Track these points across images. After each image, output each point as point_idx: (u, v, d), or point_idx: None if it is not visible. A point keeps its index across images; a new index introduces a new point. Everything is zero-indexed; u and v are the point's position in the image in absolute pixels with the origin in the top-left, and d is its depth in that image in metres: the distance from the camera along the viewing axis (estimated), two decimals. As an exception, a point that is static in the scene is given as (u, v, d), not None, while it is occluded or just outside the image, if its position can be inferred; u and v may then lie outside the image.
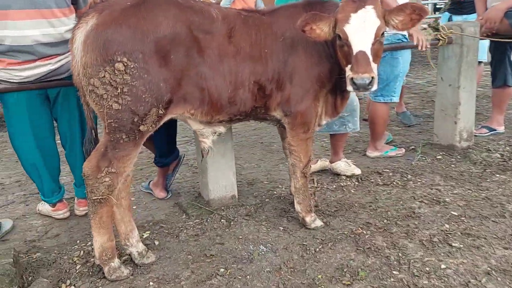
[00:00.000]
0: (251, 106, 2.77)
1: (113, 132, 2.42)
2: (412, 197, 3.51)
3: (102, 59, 2.28)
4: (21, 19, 2.84)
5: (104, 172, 2.47)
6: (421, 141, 4.84)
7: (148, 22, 2.36)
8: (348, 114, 3.83)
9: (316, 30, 2.57)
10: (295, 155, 3.02)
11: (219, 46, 2.58)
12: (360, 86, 2.47)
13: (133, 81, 2.33)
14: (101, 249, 2.62)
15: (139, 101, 2.37)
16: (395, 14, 2.62)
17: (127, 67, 2.30)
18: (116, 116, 2.37)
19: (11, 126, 3.16)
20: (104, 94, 2.33)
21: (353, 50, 2.51)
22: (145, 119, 2.43)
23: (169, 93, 2.46)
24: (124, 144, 2.45)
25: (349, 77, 2.53)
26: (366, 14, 2.50)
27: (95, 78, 2.31)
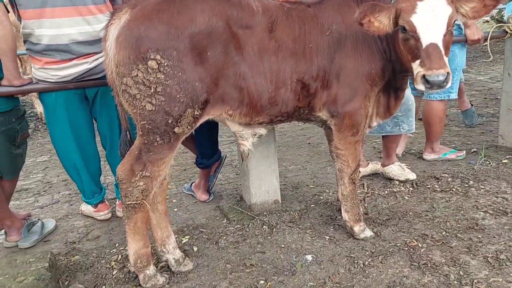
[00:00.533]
0: (294, 106, 2.55)
1: (147, 134, 2.29)
2: (474, 206, 3.17)
3: (135, 56, 2.15)
4: (57, 16, 2.77)
5: (138, 176, 2.34)
6: (484, 143, 4.45)
7: (182, 17, 2.19)
8: (402, 114, 3.53)
9: (375, 22, 2.30)
10: (342, 159, 2.78)
11: (259, 41, 2.38)
12: (435, 83, 2.17)
13: (167, 80, 2.18)
14: (136, 255, 2.50)
15: (173, 101, 2.22)
16: (466, 0, 2.31)
17: (160, 65, 2.15)
18: (149, 117, 2.24)
19: (51, 127, 3.13)
20: (137, 94, 2.20)
21: (422, 43, 2.22)
22: (180, 121, 2.28)
23: (205, 93, 2.29)
24: (158, 146, 2.31)
25: (419, 74, 2.22)
26: (434, 1, 2.22)
27: (128, 77, 2.19)
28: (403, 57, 2.41)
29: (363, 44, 2.54)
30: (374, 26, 2.30)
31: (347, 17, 2.52)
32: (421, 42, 2.23)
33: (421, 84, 2.23)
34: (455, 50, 3.89)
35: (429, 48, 2.20)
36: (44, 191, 4.35)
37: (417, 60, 2.25)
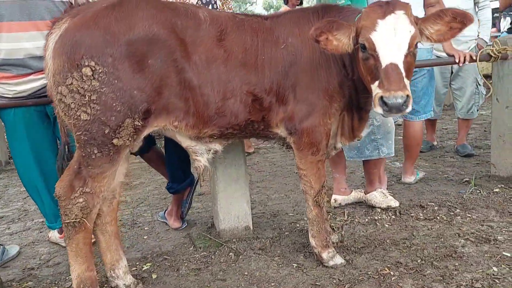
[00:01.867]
0: (245, 119, 2.42)
1: (84, 146, 2.16)
2: (456, 233, 2.95)
3: (70, 64, 2.07)
4: (14, 31, 2.74)
5: (78, 192, 2.21)
6: (477, 173, 4.24)
7: (121, 24, 2.11)
8: (381, 137, 3.38)
9: (333, 41, 2.19)
10: (305, 180, 2.61)
11: (207, 50, 2.28)
12: (393, 107, 2.00)
13: (102, 87, 2.08)
14: (78, 279, 2.32)
15: (109, 110, 2.11)
16: (431, 23, 2.21)
17: (95, 71, 2.06)
18: (85, 128, 2.12)
19: (11, 145, 3.04)
20: (72, 103, 2.10)
21: (381, 63, 2.08)
22: (119, 131, 2.15)
23: (145, 102, 2.17)
24: (97, 160, 2.18)
25: (377, 96, 2.06)
26: (396, 20, 2.10)
27: (63, 85, 2.09)
28: (363, 78, 2.26)
29: (320, 59, 2.42)
30: (332, 45, 2.19)
31: (305, 31, 2.41)
32: (380, 62, 2.09)
33: (379, 107, 2.07)
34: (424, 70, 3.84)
35: (389, 68, 2.06)
36: (18, 219, 4.23)
37: (376, 81, 2.10)
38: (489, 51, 3.68)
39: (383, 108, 2.05)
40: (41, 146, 3.03)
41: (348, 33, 2.21)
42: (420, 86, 3.87)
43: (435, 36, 2.25)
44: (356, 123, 2.64)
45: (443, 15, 2.21)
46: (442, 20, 2.22)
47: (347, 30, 2.20)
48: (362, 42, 2.15)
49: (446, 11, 2.23)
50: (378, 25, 2.10)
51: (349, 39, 2.21)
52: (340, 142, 2.72)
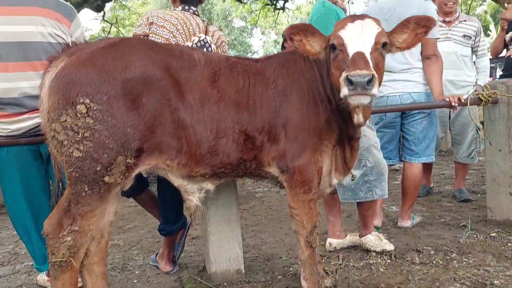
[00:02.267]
0: (237, 158, 2.42)
1: (75, 184, 2.17)
2: (452, 278, 2.88)
3: (65, 101, 2.10)
4: (10, 71, 2.79)
5: (66, 231, 2.19)
6: (474, 217, 4.19)
7: (116, 63, 2.17)
8: (374, 178, 3.36)
9: (306, 45, 2.31)
10: (297, 219, 2.58)
11: (200, 90, 2.33)
12: (358, 84, 2.01)
13: (96, 124, 2.10)
14: None
15: (102, 147, 2.12)
16: (398, 33, 2.35)
17: (89, 109, 2.09)
18: (76, 165, 2.13)
19: (3, 184, 3.02)
20: (65, 140, 2.12)
21: (348, 54, 2.16)
22: (111, 169, 2.16)
23: (137, 140, 2.19)
24: (87, 197, 2.17)
25: (343, 78, 2.07)
26: (364, 22, 2.25)
27: (57, 122, 2.12)
28: (335, 81, 2.27)
29: (308, 97, 2.48)
30: (305, 48, 2.30)
31: (293, 71, 2.50)
32: (347, 53, 2.16)
33: (344, 87, 2.07)
34: (432, 118, 3.90)
35: (355, 55, 2.13)
36: (8, 262, 4.15)
37: (344, 72, 2.12)
38: (479, 95, 3.74)
39: (348, 88, 2.05)
40: (33, 186, 3.02)
41: (321, 42, 2.33)
42: (420, 128, 3.89)
43: (404, 45, 2.37)
44: (348, 154, 2.65)
45: (407, 23, 2.36)
46: (408, 29, 2.36)
47: (320, 39, 2.33)
48: (332, 42, 2.25)
49: (409, 19, 2.37)
50: (347, 26, 2.24)
51: (321, 48, 2.33)
52: (334, 179, 2.72)
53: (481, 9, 23.54)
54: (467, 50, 4.86)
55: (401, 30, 2.37)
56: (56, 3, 2.97)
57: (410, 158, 3.93)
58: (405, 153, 3.99)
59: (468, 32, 4.87)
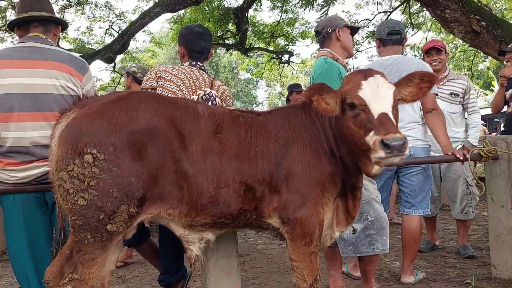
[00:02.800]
0: (237, 208, 2.46)
1: (78, 231, 2.22)
2: (455, 337, 2.82)
3: (73, 151, 2.20)
4: (23, 120, 2.88)
5: (67, 279, 2.22)
6: (479, 275, 4.13)
7: (123, 115, 2.28)
8: (375, 232, 3.37)
9: (323, 103, 2.37)
10: (297, 272, 2.58)
11: (203, 142, 2.41)
12: (395, 147, 2.11)
13: (101, 174, 2.18)
14: None
15: (106, 196, 2.19)
16: (403, 86, 2.46)
17: (96, 159, 2.18)
18: (80, 213, 2.19)
19: (7, 230, 3.04)
20: (71, 189, 2.20)
21: (373, 114, 2.24)
22: (113, 217, 2.21)
23: (141, 189, 2.25)
24: (89, 245, 2.21)
25: (377, 141, 2.17)
26: (377, 79, 2.35)
27: (64, 171, 2.21)
28: (353, 137, 2.36)
29: (310, 150, 2.54)
30: (322, 106, 2.36)
31: (294, 125, 2.59)
32: (372, 114, 2.25)
33: (380, 150, 2.15)
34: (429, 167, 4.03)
35: (382, 116, 2.22)
36: (5, 310, 4.10)
37: (371, 132, 2.23)
38: (480, 151, 3.81)
39: (384, 151, 2.14)
40: (36, 233, 3.03)
41: (335, 98, 2.39)
42: (416, 181, 3.97)
43: (409, 97, 2.49)
44: (350, 204, 2.68)
45: (412, 78, 2.47)
46: (413, 83, 2.47)
47: (334, 95, 2.39)
48: (350, 101, 2.32)
49: (414, 74, 2.48)
50: (362, 85, 2.32)
51: (336, 104, 2.39)
52: (337, 231, 2.74)
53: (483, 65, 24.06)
54: (455, 107, 5.02)
55: (406, 84, 2.48)
56: (69, 58, 3.11)
57: (407, 211, 3.98)
58: (402, 206, 4.04)
59: (455, 90, 5.04)
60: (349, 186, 2.64)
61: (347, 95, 2.35)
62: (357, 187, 2.68)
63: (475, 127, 4.95)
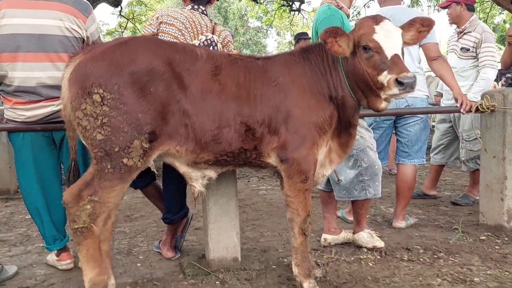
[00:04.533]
0: (238, 147, 2.64)
1: (100, 162, 2.44)
2: (435, 274, 3.04)
3: (82, 91, 2.37)
4: (29, 61, 3.01)
5: (86, 200, 2.44)
6: (467, 222, 4.34)
7: (124, 57, 2.43)
8: (368, 178, 3.53)
9: (336, 45, 2.56)
10: (292, 207, 2.78)
11: (202, 83, 2.55)
12: (408, 84, 2.38)
13: (111, 112, 2.37)
14: (91, 283, 2.50)
15: (118, 131, 2.39)
16: (406, 30, 2.66)
17: (103, 98, 2.36)
18: (100, 146, 2.41)
19: (17, 167, 3.24)
20: (87, 126, 2.40)
21: (387, 55, 2.48)
22: (129, 152, 2.42)
23: (149, 125, 2.43)
24: (109, 174, 2.43)
25: (392, 80, 2.42)
26: (387, 24, 2.56)
27: (79, 110, 2.40)
28: (365, 77, 2.57)
29: (309, 94, 2.69)
30: (336, 48, 2.55)
31: (294, 70, 2.71)
32: (385, 55, 2.48)
33: (394, 87, 2.43)
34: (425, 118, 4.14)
35: (394, 57, 2.47)
36: (20, 243, 4.37)
37: (384, 72, 2.46)
38: (478, 105, 3.90)
39: (398, 88, 2.41)
40: (45, 170, 3.24)
41: (347, 42, 2.58)
42: (413, 131, 4.11)
43: (410, 41, 2.72)
44: (344, 142, 2.88)
45: (413, 23, 2.70)
46: (414, 27, 2.69)
47: (347, 39, 2.58)
48: (365, 44, 2.54)
49: (415, 19, 2.71)
50: (376, 29, 2.54)
51: (347, 47, 2.59)
52: (329, 169, 2.93)
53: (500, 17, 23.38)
54: (463, 62, 5.01)
55: (408, 28, 2.69)
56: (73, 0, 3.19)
57: (403, 160, 4.13)
58: (398, 155, 4.19)
59: (466, 44, 5.01)
60: (344, 124, 2.81)
61: (361, 39, 2.54)
62: (352, 125, 2.86)
63: (478, 82, 4.96)
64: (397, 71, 2.41)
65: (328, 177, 3.09)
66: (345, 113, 2.78)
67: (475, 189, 5.13)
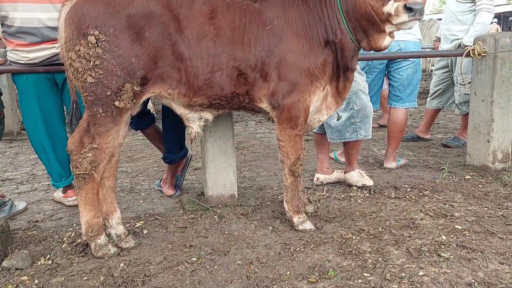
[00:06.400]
0: (231, 92, 2.70)
1: (91, 106, 2.49)
2: (419, 209, 3.25)
3: (78, 32, 2.39)
4: (29, 2, 3.06)
5: (87, 148, 2.55)
6: (451, 160, 4.54)
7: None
8: (360, 120, 3.67)
9: None
10: (283, 150, 2.92)
11: (198, 26, 2.57)
12: (418, 10, 2.38)
13: (105, 54, 2.39)
14: (87, 225, 2.67)
15: (110, 74, 2.43)
16: None
17: (98, 40, 2.38)
18: (90, 89, 2.45)
19: (22, 108, 3.37)
20: (79, 67, 2.43)
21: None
22: (120, 94, 2.47)
23: (142, 69, 2.48)
24: (102, 119, 2.50)
25: (400, 6, 2.42)
26: None
27: (72, 51, 2.42)
28: (369, 8, 2.55)
29: (304, 39, 2.69)
30: None
31: (290, 13, 2.70)
32: None
33: (404, 14, 2.43)
34: (418, 62, 4.24)
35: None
36: (26, 181, 4.58)
37: (390, 1, 2.46)
38: (470, 51, 3.98)
39: (408, 14, 2.42)
40: (49, 110, 3.37)
41: None
42: (405, 75, 4.21)
43: None
44: (341, 86, 2.90)
45: None
46: None
47: None
48: None
49: None
50: None
51: None
52: (325, 115, 3.00)
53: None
54: (461, 6, 5.00)
55: None
56: None
57: (395, 104, 4.26)
58: (390, 99, 4.31)
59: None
60: (342, 68, 2.83)
61: None
62: (350, 69, 2.86)
63: (474, 26, 4.97)
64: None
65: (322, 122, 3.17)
66: (343, 57, 2.78)
67: (466, 131, 5.27)
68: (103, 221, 2.82)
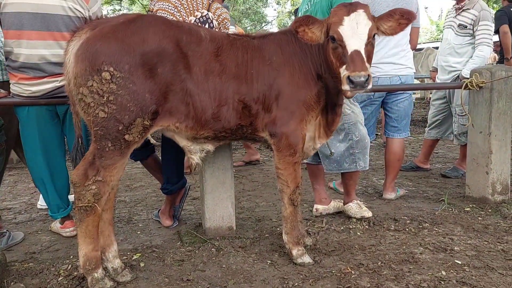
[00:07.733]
0: (236, 124, 2.80)
1: (100, 140, 2.52)
2: (418, 243, 3.23)
3: (91, 68, 2.42)
4: (33, 39, 3.13)
5: (91, 180, 2.55)
6: (450, 192, 4.53)
7: (136, 37, 2.49)
8: (359, 151, 3.69)
9: (309, 33, 2.64)
10: (282, 179, 2.95)
11: (205, 63, 2.66)
12: (358, 84, 2.42)
13: (119, 90, 2.44)
14: (85, 258, 2.64)
15: (124, 110, 2.47)
16: (385, 20, 2.68)
17: (113, 76, 2.42)
18: (102, 124, 2.48)
19: (24, 140, 3.39)
20: (92, 103, 2.46)
21: (347, 50, 2.51)
22: (130, 129, 2.51)
23: (154, 104, 2.54)
24: (110, 152, 2.53)
25: (345, 76, 2.48)
26: (358, 16, 2.56)
27: (84, 87, 2.45)
28: (332, 65, 2.67)
29: (299, 73, 2.82)
30: (308, 36, 2.63)
31: (286, 50, 2.83)
32: (347, 50, 2.52)
33: (346, 85, 2.48)
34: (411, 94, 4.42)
35: (353, 54, 2.49)
36: (24, 211, 4.56)
37: (344, 65, 2.53)
38: (468, 82, 4.03)
39: (349, 86, 2.47)
40: (50, 142, 3.39)
41: (321, 28, 2.66)
42: (403, 107, 4.31)
43: (388, 31, 2.71)
44: (330, 120, 3.02)
45: (393, 14, 2.68)
46: (393, 18, 2.68)
47: (320, 25, 2.66)
48: (332, 34, 2.59)
49: (395, 10, 2.69)
50: (344, 20, 2.56)
51: (321, 33, 2.66)
52: (318, 143, 3.10)
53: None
54: (460, 39, 5.08)
55: (387, 18, 2.70)
56: None
57: (393, 134, 4.33)
58: (388, 130, 4.38)
59: (464, 21, 5.05)
60: (330, 104, 2.96)
61: (330, 28, 2.61)
62: (337, 104, 3.00)
63: (473, 59, 5.03)
64: (351, 69, 2.45)
65: (316, 150, 3.24)
66: (329, 92, 2.91)
67: (465, 162, 5.28)
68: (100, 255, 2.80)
